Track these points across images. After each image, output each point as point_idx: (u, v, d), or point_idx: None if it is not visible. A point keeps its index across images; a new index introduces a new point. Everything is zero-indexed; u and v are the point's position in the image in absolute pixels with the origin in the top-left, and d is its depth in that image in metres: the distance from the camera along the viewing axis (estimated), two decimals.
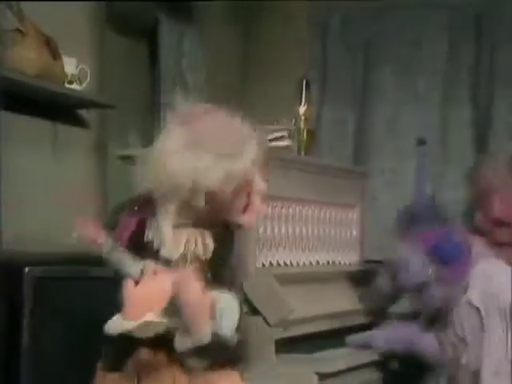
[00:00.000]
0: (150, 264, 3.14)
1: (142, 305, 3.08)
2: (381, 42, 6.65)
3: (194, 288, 3.08)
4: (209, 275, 3.24)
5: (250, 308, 3.85)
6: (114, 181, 4.81)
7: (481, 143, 6.47)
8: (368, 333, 4.45)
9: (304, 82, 4.83)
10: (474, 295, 4.23)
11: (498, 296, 4.20)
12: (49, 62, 4.33)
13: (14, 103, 4.24)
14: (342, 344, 4.34)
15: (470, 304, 4.23)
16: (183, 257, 3.22)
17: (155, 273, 3.12)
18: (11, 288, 3.77)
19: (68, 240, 3.16)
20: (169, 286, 3.08)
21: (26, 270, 3.83)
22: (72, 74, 4.56)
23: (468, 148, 6.50)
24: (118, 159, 4.46)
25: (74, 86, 4.57)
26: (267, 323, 3.89)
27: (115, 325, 3.08)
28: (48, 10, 4.49)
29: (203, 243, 3.24)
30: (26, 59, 4.18)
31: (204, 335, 3.07)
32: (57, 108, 4.63)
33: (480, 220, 5.12)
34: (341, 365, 4.05)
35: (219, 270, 3.30)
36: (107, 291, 3.91)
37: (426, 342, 4.29)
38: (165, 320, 3.08)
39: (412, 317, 4.52)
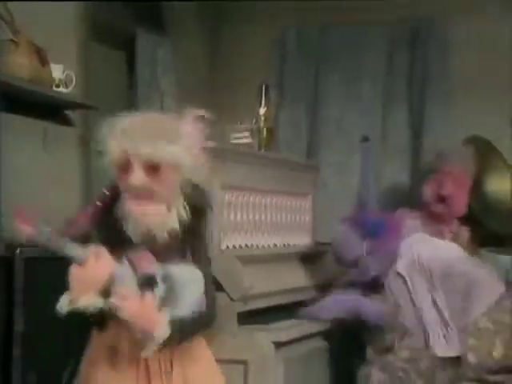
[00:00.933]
0: (94, 248, 2.99)
1: (82, 286, 2.97)
2: (330, 54, 6.67)
3: (130, 304, 2.98)
4: (187, 252, 3.19)
5: (215, 285, 3.80)
6: (97, 172, 4.74)
7: (415, 140, 6.58)
8: (317, 304, 4.43)
9: (264, 87, 4.82)
10: (400, 265, 4.25)
11: (422, 264, 4.21)
12: (38, 68, 4.34)
13: (8, 104, 4.22)
14: (296, 316, 4.29)
15: (398, 273, 4.23)
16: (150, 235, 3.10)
17: (98, 257, 2.97)
18: (4, 267, 3.75)
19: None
20: (106, 271, 2.98)
21: (18, 251, 3.80)
22: (59, 79, 4.55)
23: (404, 144, 6.60)
24: (99, 153, 4.41)
25: (61, 90, 4.56)
26: (230, 298, 3.86)
27: (62, 304, 2.99)
28: (38, 23, 4.49)
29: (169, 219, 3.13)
30: (19, 65, 4.21)
31: (161, 333, 2.99)
32: (46, 109, 4.61)
33: (426, 193, 5.35)
34: (293, 334, 4.05)
35: (193, 245, 3.23)
36: None
37: (368, 307, 4.27)
38: (101, 300, 2.98)
39: (354, 287, 4.49)
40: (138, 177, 3.03)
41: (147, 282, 3.04)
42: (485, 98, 6.37)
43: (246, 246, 4.28)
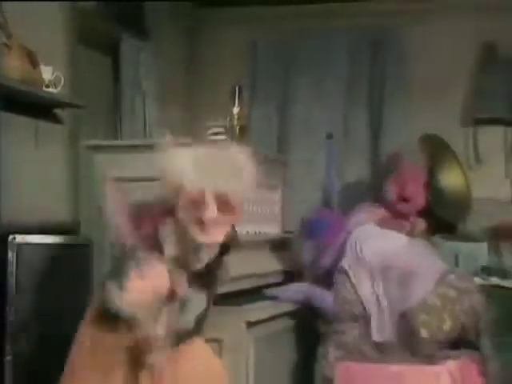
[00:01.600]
0: (148, 259, 3.07)
1: (140, 298, 3.01)
2: (298, 58, 6.67)
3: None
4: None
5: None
6: (83, 166, 4.75)
7: (374, 138, 6.59)
8: (279, 288, 4.41)
9: (237, 88, 4.77)
10: (345, 262, 4.24)
11: (364, 257, 4.20)
12: (29, 70, 4.33)
13: (1, 103, 4.22)
14: (266, 298, 4.26)
15: (342, 269, 4.22)
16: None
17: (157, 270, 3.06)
18: None
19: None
20: (164, 283, 3.06)
21: (10, 237, 3.77)
22: (49, 80, 4.52)
23: (365, 142, 6.61)
24: (86, 148, 4.44)
25: (51, 90, 4.54)
26: None
27: (116, 305, 3.01)
28: (30, 28, 4.47)
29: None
30: (11, 67, 4.21)
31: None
32: (37, 108, 4.59)
33: (390, 193, 5.37)
34: (264, 315, 4.03)
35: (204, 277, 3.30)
36: (78, 256, 3.81)
37: (321, 296, 4.25)
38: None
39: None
40: (212, 211, 3.10)
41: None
42: (438, 101, 6.40)
43: None
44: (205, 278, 3.30)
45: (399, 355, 4.09)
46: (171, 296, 3.11)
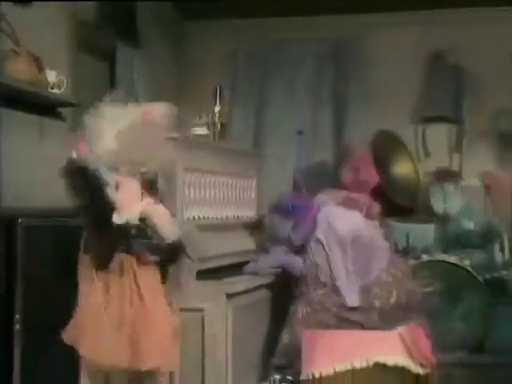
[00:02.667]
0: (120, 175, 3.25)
1: (129, 202, 3.19)
2: (272, 65, 6.67)
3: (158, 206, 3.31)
4: None
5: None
6: None
7: (338, 134, 6.61)
8: (257, 260, 4.37)
9: (218, 89, 4.74)
10: (319, 232, 4.19)
11: (335, 231, 4.17)
12: (36, 73, 4.28)
13: (11, 103, 4.18)
14: (240, 273, 4.22)
15: (317, 239, 4.18)
16: None
17: (125, 180, 3.24)
18: (8, 234, 3.64)
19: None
20: (138, 189, 3.25)
21: (20, 220, 3.71)
22: (53, 82, 4.46)
23: (330, 138, 6.62)
24: None
25: (55, 91, 4.48)
26: (190, 258, 3.77)
27: (118, 218, 3.19)
28: (36, 37, 4.43)
29: None
30: (20, 71, 4.14)
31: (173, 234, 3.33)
32: (42, 107, 4.54)
33: (347, 177, 5.61)
34: (242, 287, 3.97)
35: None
36: (81, 237, 3.74)
37: (295, 263, 4.22)
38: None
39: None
40: None
41: None
42: (392, 101, 6.41)
43: (204, 217, 4.18)
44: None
45: (357, 321, 4.07)
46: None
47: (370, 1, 6.18)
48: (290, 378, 4.06)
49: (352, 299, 4.10)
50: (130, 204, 3.20)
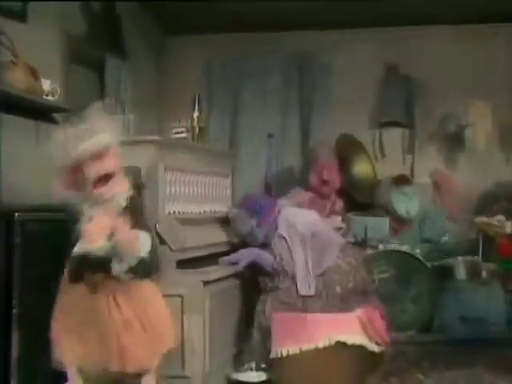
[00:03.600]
0: (94, 210, 3.13)
1: (95, 235, 3.07)
2: (244, 75, 6.64)
3: (125, 229, 3.15)
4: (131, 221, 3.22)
5: (160, 240, 3.70)
6: None
7: (304, 137, 6.58)
8: (231, 255, 4.34)
9: (197, 97, 4.72)
10: (282, 230, 4.18)
11: (296, 228, 4.16)
12: (32, 82, 4.28)
13: (10, 108, 4.18)
14: (217, 263, 4.19)
15: (281, 236, 4.17)
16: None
17: (99, 215, 3.12)
18: (6, 228, 3.58)
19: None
20: (108, 224, 3.11)
21: (16, 215, 3.64)
22: (48, 90, 4.44)
23: (297, 140, 6.60)
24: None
25: (49, 98, 4.46)
26: (170, 249, 3.75)
27: (81, 248, 3.09)
28: (33, 50, 4.43)
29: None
30: (18, 80, 4.13)
31: (134, 259, 3.13)
32: (38, 112, 4.51)
33: (313, 179, 5.58)
34: (217, 275, 3.95)
35: (136, 217, 3.25)
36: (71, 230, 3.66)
37: (265, 257, 4.20)
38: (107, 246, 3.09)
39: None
40: (94, 168, 3.11)
41: None
42: (352, 108, 6.41)
43: (183, 212, 4.14)
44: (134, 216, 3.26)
45: (319, 305, 4.07)
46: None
47: (333, 19, 6.17)
48: (262, 364, 4.05)
49: (306, 289, 4.11)
50: (95, 236, 3.10)
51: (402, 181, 6.01)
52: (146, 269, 3.26)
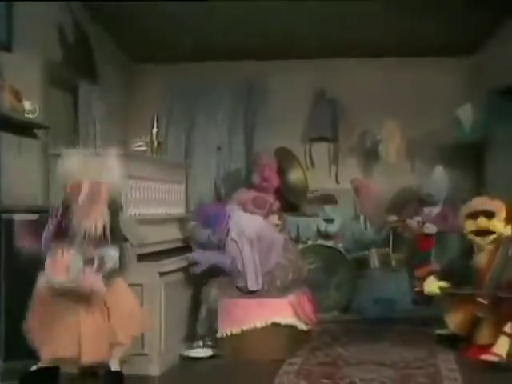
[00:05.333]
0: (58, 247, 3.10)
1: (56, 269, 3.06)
2: (199, 98, 6.50)
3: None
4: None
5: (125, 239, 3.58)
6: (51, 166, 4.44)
7: (248, 151, 6.46)
8: (193, 253, 4.23)
9: (156, 116, 4.64)
10: (233, 234, 4.13)
11: (244, 231, 4.11)
12: (16, 103, 4.21)
13: None
14: (173, 256, 4.08)
15: (232, 239, 4.11)
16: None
17: (62, 252, 3.08)
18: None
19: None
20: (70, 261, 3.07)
21: (3, 216, 3.60)
22: (28, 109, 4.31)
23: (242, 153, 6.48)
24: (52, 155, 4.12)
25: (30, 116, 4.33)
26: (132, 245, 3.64)
27: (43, 281, 3.12)
28: (17, 75, 4.31)
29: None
30: (4, 100, 4.04)
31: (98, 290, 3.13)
32: (20, 128, 4.38)
33: (256, 178, 5.53)
34: (172, 267, 3.90)
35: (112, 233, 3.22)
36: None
37: (222, 258, 4.13)
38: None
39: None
40: (84, 194, 3.09)
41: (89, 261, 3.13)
42: (288, 126, 6.36)
43: (143, 213, 4.06)
44: (112, 236, 3.20)
45: (259, 294, 4.04)
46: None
47: (273, 52, 6.13)
48: (209, 342, 3.97)
49: (254, 284, 4.07)
50: (56, 270, 3.07)
51: (327, 201, 5.95)
52: (114, 273, 3.25)
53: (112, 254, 3.19)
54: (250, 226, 4.18)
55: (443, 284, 4.08)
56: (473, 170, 5.94)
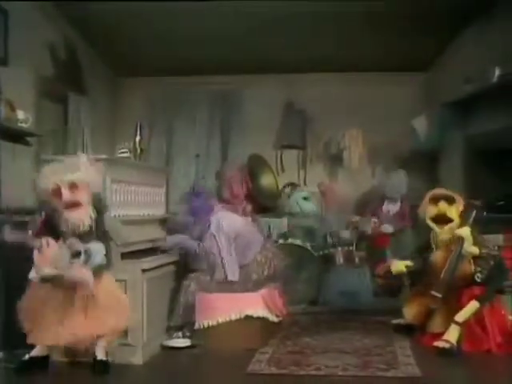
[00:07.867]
0: (43, 240, 3.07)
1: (43, 262, 3.03)
2: (179, 108, 6.47)
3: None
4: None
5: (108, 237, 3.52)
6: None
7: (224, 157, 6.47)
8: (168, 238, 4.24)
9: (138, 124, 4.59)
10: (213, 230, 4.11)
11: (224, 228, 4.10)
12: (10, 112, 4.18)
13: None
14: (154, 254, 4.07)
15: (212, 233, 4.09)
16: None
17: (48, 244, 3.07)
18: None
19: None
20: (53, 252, 3.04)
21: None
22: (22, 119, 4.30)
23: (218, 159, 6.48)
24: (42, 161, 4.06)
25: (23, 125, 4.31)
26: (116, 244, 3.61)
27: (33, 274, 3.08)
28: (11, 87, 4.28)
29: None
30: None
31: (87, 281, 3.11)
32: (14, 136, 4.37)
33: (225, 193, 5.48)
34: (153, 264, 3.84)
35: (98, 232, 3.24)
36: None
37: (189, 243, 4.14)
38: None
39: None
40: (66, 194, 3.12)
41: (76, 255, 3.11)
42: (261, 134, 6.38)
43: (126, 215, 4.01)
44: (98, 233, 3.23)
45: (234, 288, 4.02)
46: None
47: (247, 66, 6.12)
48: (188, 333, 3.95)
49: (233, 275, 4.06)
50: (43, 265, 3.05)
51: (294, 186, 6.04)
52: (102, 268, 3.24)
53: (98, 248, 3.15)
54: (230, 224, 4.17)
55: (408, 263, 4.10)
56: (427, 174, 6.02)
